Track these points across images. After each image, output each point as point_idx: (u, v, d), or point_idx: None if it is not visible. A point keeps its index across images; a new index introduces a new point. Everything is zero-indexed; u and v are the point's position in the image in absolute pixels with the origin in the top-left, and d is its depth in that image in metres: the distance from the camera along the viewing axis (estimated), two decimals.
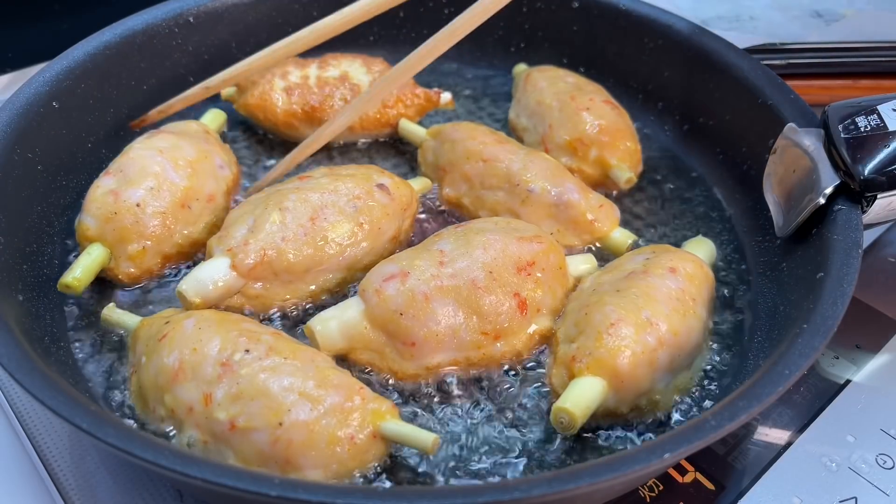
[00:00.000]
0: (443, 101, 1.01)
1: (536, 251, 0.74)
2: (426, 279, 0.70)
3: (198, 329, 0.66)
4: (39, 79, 0.84)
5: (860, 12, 1.41)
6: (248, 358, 0.63)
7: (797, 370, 0.59)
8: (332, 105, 0.96)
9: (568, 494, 0.52)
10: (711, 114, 0.96)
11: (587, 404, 0.64)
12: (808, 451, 0.72)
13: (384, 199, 0.80)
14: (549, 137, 0.93)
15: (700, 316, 0.71)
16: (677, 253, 0.76)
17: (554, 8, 1.06)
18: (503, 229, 0.76)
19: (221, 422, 0.61)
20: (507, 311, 0.71)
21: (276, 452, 0.60)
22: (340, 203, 0.78)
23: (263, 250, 0.74)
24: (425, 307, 0.69)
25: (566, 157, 0.92)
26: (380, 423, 0.62)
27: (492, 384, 0.72)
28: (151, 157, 0.81)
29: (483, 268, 0.71)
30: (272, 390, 0.61)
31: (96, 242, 0.77)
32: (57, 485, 0.68)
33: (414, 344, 0.70)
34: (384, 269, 0.72)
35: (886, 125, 0.71)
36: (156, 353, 0.66)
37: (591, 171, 0.91)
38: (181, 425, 0.63)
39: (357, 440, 0.61)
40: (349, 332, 0.70)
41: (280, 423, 0.60)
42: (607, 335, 0.66)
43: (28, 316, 0.71)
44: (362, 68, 0.99)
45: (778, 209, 0.78)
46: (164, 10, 0.97)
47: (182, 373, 0.63)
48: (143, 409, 0.67)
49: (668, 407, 0.69)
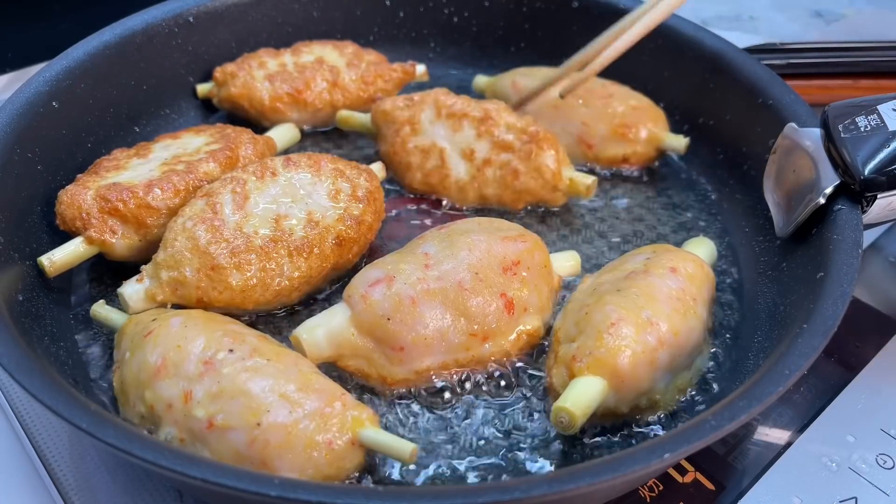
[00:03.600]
0: (418, 73, 1.04)
1: (521, 250, 0.74)
2: (412, 283, 0.70)
3: (183, 327, 0.66)
4: (39, 79, 0.84)
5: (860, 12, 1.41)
6: (231, 358, 0.63)
7: (797, 370, 0.59)
8: (316, 86, 0.97)
9: (568, 494, 0.52)
10: (711, 114, 0.96)
11: (587, 404, 0.64)
12: (808, 451, 0.72)
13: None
14: (589, 133, 0.93)
15: (700, 316, 0.71)
16: (678, 253, 0.76)
17: (554, 8, 1.06)
18: (487, 229, 0.75)
19: (199, 419, 0.61)
20: (494, 312, 0.71)
21: (252, 453, 0.59)
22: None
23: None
24: (412, 311, 0.69)
25: (615, 145, 0.93)
26: (359, 431, 0.61)
27: (487, 385, 0.72)
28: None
29: (469, 269, 0.71)
30: (252, 391, 0.61)
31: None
32: (57, 485, 0.68)
33: (402, 348, 0.69)
34: (369, 274, 0.72)
35: (886, 125, 0.71)
36: (140, 349, 0.66)
37: (644, 150, 0.93)
38: (159, 422, 0.63)
39: (335, 446, 0.61)
40: (336, 339, 0.69)
41: (258, 423, 0.59)
42: (608, 335, 0.66)
43: (28, 316, 0.71)
44: (334, 52, 1.01)
45: (778, 209, 0.78)
46: (164, 10, 0.97)
47: (164, 369, 0.63)
48: (123, 405, 0.67)
49: (668, 407, 0.69)
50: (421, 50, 1.11)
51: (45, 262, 0.74)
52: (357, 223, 0.78)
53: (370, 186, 0.80)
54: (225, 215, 0.74)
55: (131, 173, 0.80)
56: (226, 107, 0.99)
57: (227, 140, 0.85)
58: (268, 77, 0.97)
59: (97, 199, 0.76)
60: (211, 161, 0.81)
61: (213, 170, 0.81)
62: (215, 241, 0.72)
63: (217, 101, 0.99)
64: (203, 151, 0.83)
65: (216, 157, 0.82)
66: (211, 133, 0.87)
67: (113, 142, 0.91)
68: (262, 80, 0.97)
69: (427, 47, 1.12)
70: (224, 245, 0.72)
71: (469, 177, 0.88)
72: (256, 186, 0.76)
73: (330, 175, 0.79)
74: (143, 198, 0.76)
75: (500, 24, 1.08)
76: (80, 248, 0.76)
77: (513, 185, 0.87)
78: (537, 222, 0.89)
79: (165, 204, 0.77)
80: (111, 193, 0.76)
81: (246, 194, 0.75)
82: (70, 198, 0.76)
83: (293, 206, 0.76)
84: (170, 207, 0.77)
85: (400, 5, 1.09)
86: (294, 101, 0.97)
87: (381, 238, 0.86)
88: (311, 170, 0.79)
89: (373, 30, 1.10)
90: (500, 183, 0.87)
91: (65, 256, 0.75)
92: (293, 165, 0.78)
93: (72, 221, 0.76)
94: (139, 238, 0.77)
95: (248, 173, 0.77)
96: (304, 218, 0.76)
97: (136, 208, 0.76)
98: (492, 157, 0.87)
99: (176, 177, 0.79)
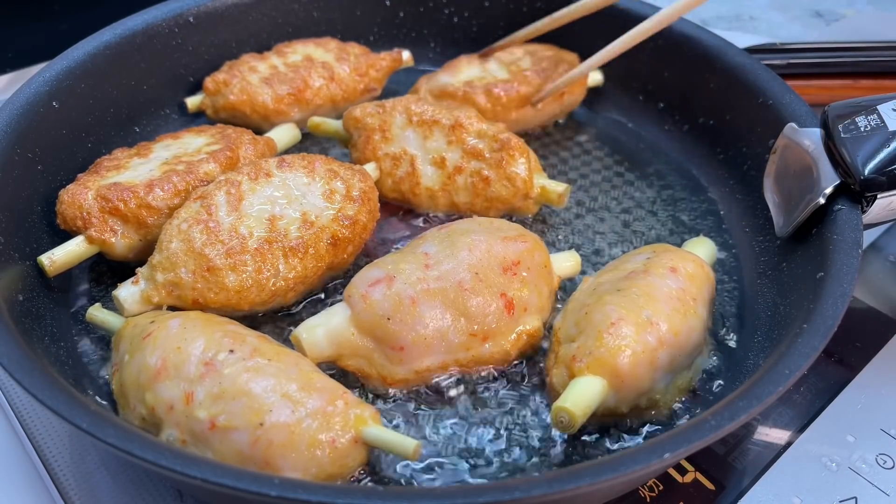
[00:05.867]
0: (405, 59, 1.05)
1: (521, 250, 0.74)
2: (412, 283, 0.70)
3: (182, 329, 0.66)
4: (39, 79, 0.84)
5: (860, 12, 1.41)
6: (231, 358, 0.63)
7: (797, 370, 0.59)
8: (314, 83, 0.97)
9: (568, 494, 0.52)
10: (711, 114, 0.96)
11: (587, 403, 0.64)
12: (808, 451, 0.72)
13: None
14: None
15: (701, 316, 0.71)
16: (678, 252, 0.76)
17: (554, 8, 1.06)
18: (487, 229, 0.75)
19: (201, 420, 0.61)
20: (494, 312, 0.71)
21: (255, 453, 0.60)
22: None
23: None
24: (412, 311, 0.69)
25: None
26: (361, 429, 0.61)
27: (487, 385, 0.72)
28: None
29: (469, 269, 0.71)
30: (254, 391, 0.61)
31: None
32: (57, 485, 0.68)
33: (402, 348, 0.69)
34: (369, 273, 0.71)
35: (886, 125, 0.71)
36: (139, 351, 0.66)
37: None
38: (161, 424, 0.63)
39: (338, 444, 0.61)
40: (336, 338, 0.69)
41: (261, 423, 0.60)
42: (608, 334, 0.66)
43: (28, 316, 0.71)
44: (318, 49, 1.02)
45: (778, 209, 0.78)
46: (164, 10, 0.97)
47: (164, 371, 0.63)
48: (123, 407, 0.67)
49: (668, 406, 0.69)
50: (421, 50, 1.10)
51: (46, 261, 0.74)
52: (352, 223, 0.78)
53: (364, 187, 0.80)
54: (220, 217, 0.74)
55: (132, 173, 0.80)
56: (223, 116, 0.97)
57: (228, 140, 0.85)
58: (264, 80, 0.96)
59: (98, 198, 0.76)
60: (211, 161, 0.81)
61: (214, 170, 0.81)
62: (210, 243, 0.72)
63: (212, 112, 0.97)
64: (203, 152, 0.83)
65: (217, 158, 0.82)
66: (212, 133, 0.87)
67: (113, 142, 0.91)
68: (260, 84, 0.96)
69: (427, 47, 1.12)
70: (219, 246, 0.72)
71: (440, 184, 0.87)
72: (251, 187, 0.76)
73: (324, 175, 0.79)
74: (144, 198, 0.76)
75: (500, 24, 1.08)
76: (80, 248, 0.76)
77: (484, 192, 0.86)
78: (539, 222, 0.89)
79: (166, 204, 0.77)
80: (112, 193, 0.76)
81: (240, 195, 0.75)
82: (71, 197, 0.76)
83: (288, 207, 0.76)
84: (170, 207, 0.77)
85: (400, 5, 1.10)
86: (296, 101, 0.97)
87: (376, 238, 0.86)
88: (306, 170, 0.79)
89: (373, 30, 1.10)
90: (471, 191, 0.86)
91: (65, 255, 0.75)
92: (287, 166, 0.78)
93: (72, 221, 0.76)
94: (139, 238, 0.77)
95: (243, 174, 0.77)
96: (298, 218, 0.76)
97: (137, 208, 0.76)
98: (463, 164, 0.86)
99: (176, 177, 0.78)
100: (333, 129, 0.94)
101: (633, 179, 0.96)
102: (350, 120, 0.91)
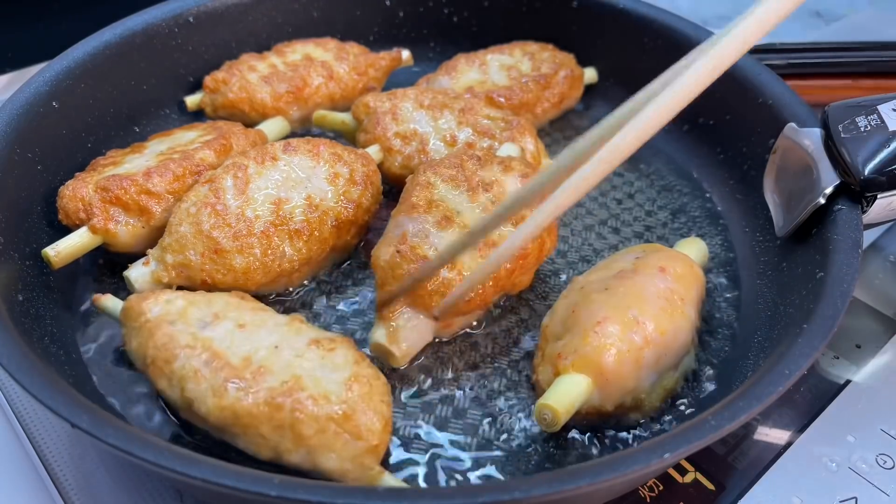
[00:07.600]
0: (404, 58, 1.06)
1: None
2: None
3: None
4: (39, 79, 0.85)
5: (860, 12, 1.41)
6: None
7: (797, 370, 0.59)
8: (313, 81, 0.98)
9: (568, 494, 0.52)
10: (711, 114, 0.96)
11: (570, 401, 0.64)
12: (808, 451, 0.72)
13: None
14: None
15: (688, 316, 0.71)
16: (667, 252, 0.75)
17: (554, 8, 1.06)
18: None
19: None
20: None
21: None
22: None
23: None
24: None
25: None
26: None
27: (485, 385, 0.72)
28: None
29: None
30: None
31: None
32: (57, 485, 0.68)
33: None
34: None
35: (886, 125, 0.71)
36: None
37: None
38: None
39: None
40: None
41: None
42: (593, 333, 0.66)
43: (28, 316, 0.71)
44: (318, 48, 1.03)
45: (778, 209, 0.78)
46: (164, 10, 0.97)
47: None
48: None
49: (653, 406, 0.69)
50: (421, 50, 1.11)
51: (51, 252, 0.75)
52: (355, 206, 0.80)
53: (367, 170, 0.82)
54: (227, 200, 0.75)
55: (129, 166, 0.81)
56: (221, 114, 0.98)
57: (220, 131, 0.86)
58: (263, 79, 0.97)
59: (98, 190, 0.77)
60: (206, 149, 0.83)
61: (209, 156, 0.82)
62: (218, 226, 0.74)
63: (211, 110, 0.98)
64: (197, 142, 0.84)
65: (211, 145, 0.83)
66: (203, 128, 0.89)
67: (113, 142, 0.91)
68: (259, 82, 0.96)
69: (427, 47, 1.12)
70: (227, 229, 0.74)
71: None
72: (257, 171, 0.78)
73: (328, 159, 0.81)
74: (143, 184, 0.78)
75: (500, 24, 1.08)
76: (84, 238, 0.77)
77: None
78: None
79: (165, 189, 0.78)
80: (112, 183, 0.77)
81: (247, 179, 0.77)
82: (71, 191, 0.77)
83: (293, 191, 0.78)
84: (169, 192, 0.79)
85: (400, 5, 1.10)
86: (295, 99, 0.97)
87: (380, 219, 0.87)
88: (310, 154, 0.80)
89: (373, 30, 1.10)
90: None
91: (69, 247, 0.76)
92: (293, 150, 0.80)
93: (75, 214, 0.77)
94: (142, 225, 0.78)
95: (249, 158, 0.78)
96: (303, 201, 0.77)
97: (138, 195, 0.77)
98: (473, 142, 0.88)
99: (173, 164, 0.80)
100: (339, 121, 0.95)
101: (632, 179, 0.96)
102: (361, 106, 0.92)
